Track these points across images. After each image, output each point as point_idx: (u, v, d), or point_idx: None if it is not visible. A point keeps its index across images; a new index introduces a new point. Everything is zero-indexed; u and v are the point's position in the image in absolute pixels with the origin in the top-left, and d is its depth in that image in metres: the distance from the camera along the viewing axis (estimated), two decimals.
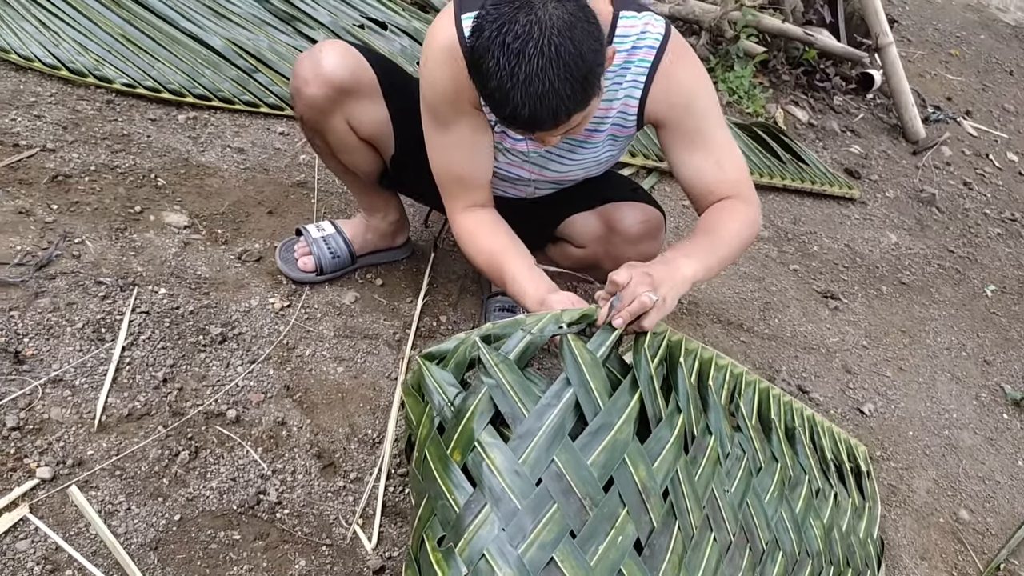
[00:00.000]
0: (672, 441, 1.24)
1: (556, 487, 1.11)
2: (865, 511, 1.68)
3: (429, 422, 1.20)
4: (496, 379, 1.17)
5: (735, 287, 2.53)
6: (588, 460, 1.14)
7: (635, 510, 1.15)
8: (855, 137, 3.81)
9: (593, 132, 1.54)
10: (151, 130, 2.21)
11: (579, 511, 1.11)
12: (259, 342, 1.73)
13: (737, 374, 1.52)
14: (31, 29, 2.35)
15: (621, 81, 1.46)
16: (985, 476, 2.21)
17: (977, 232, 3.41)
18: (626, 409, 1.20)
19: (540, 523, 1.08)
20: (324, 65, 1.59)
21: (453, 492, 1.11)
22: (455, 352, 1.25)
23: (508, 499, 1.08)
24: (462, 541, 1.06)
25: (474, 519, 1.08)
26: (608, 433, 1.17)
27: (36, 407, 1.46)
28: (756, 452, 1.43)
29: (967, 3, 6.27)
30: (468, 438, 1.14)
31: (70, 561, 1.28)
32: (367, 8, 2.98)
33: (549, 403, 1.16)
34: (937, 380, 2.49)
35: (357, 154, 1.74)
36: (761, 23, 3.68)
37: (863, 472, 1.76)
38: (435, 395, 1.21)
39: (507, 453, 1.12)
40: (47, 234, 1.77)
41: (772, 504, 1.41)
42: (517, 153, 1.59)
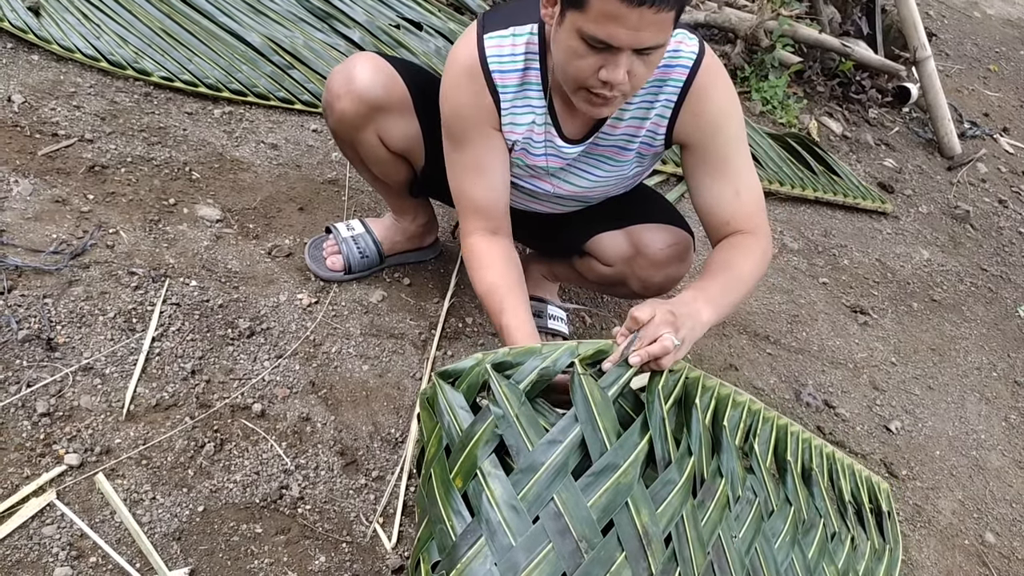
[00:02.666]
0: (680, 485, 1.20)
1: (553, 526, 1.08)
2: (885, 553, 1.64)
3: (438, 442, 1.19)
4: (503, 409, 1.16)
5: (763, 299, 2.51)
6: (589, 501, 1.11)
7: (633, 556, 1.11)
8: (889, 151, 3.77)
9: (621, 150, 1.53)
10: (187, 123, 2.24)
11: (574, 553, 1.07)
12: (286, 337, 1.74)
13: (755, 411, 1.48)
14: (73, 21, 2.38)
15: (653, 101, 1.45)
16: (1012, 499, 2.17)
17: (1011, 251, 3.36)
18: (634, 450, 1.17)
19: (533, 562, 1.05)
20: (356, 81, 1.59)
21: (452, 519, 1.10)
22: (469, 373, 1.23)
23: (503, 533, 1.06)
24: (454, 571, 1.05)
25: (468, 550, 1.06)
26: (613, 474, 1.14)
27: (66, 394, 1.48)
28: (769, 495, 1.40)
29: (1007, 18, 6.18)
30: (471, 465, 1.13)
31: (94, 548, 1.30)
32: (403, 8, 2.99)
33: (555, 439, 1.14)
34: (966, 400, 2.45)
35: (387, 166, 1.75)
36: (797, 33, 3.65)
37: (884, 513, 1.72)
38: (445, 416, 1.20)
39: (507, 486, 1.10)
40: (82, 223, 1.80)
41: (783, 549, 1.37)
42: (539, 169, 1.58)
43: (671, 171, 2.82)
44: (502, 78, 1.43)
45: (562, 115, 1.49)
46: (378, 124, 1.64)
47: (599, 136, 1.51)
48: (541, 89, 1.45)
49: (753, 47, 3.63)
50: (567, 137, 1.51)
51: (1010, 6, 6.50)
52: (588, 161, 1.56)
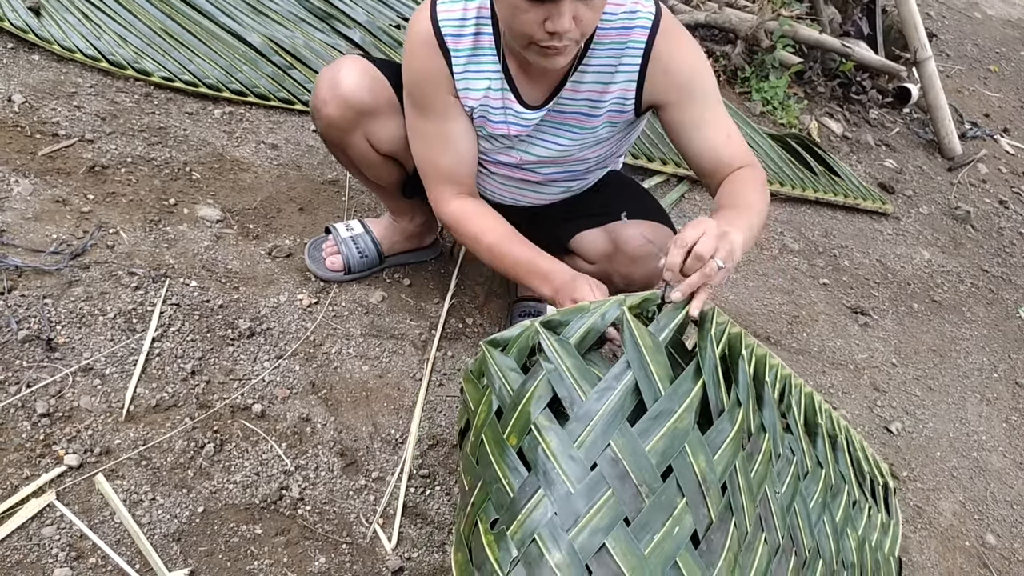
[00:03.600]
0: (733, 434, 1.18)
1: (612, 472, 1.06)
2: (890, 528, 1.65)
3: (488, 407, 1.18)
4: (555, 363, 1.14)
5: (763, 299, 2.50)
6: (647, 447, 1.08)
7: (694, 502, 1.09)
8: (890, 151, 3.76)
9: (587, 117, 1.51)
10: (187, 124, 2.24)
11: (635, 498, 1.06)
12: (286, 338, 1.74)
13: (785, 375, 1.47)
14: (73, 20, 2.38)
15: (616, 64, 1.44)
16: (1013, 501, 2.17)
17: (1012, 252, 3.36)
18: (688, 396, 1.14)
19: (593, 508, 1.04)
20: (342, 85, 1.59)
21: (508, 476, 1.09)
22: (518, 339, 1.23)
23: (562, 483, 1.05)
24: (515, 524, 1.04)
25: (527, 502, 1.05)
26: (668, 420, 1.11)
27: (66, 395, 1.47)
28: (804, 456, 1.40)
29: (1007, 19, 6.18)
30: (525, 422, 1.11)
31: (94, 549, 1.29)
32: (403, 8, 2.99)
33: (608, 386, 1.12)
34: (967, 401, 2.45)
35: (378, 168, 1.74)
36: (798, 33, 3.65)
37: (890, 489, 1.73)
38: (496, 380, 1.19)
39: (563, 436, 1.08)
40: (83, 224, 1.79)
41: (816, 510, 1.37)
42: (500, 139, 1.56)
43: (671, 171, 2.81)
44: (454, 42, 1.44)
45: (519, 80, 1.48)
46: (366, 128, 1.64)
47: (560, 100, 1.49)
48: (495, 53, 1.45)
49: (753, 48, 3.63)
50: (527, 103, 1.50)
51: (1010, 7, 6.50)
52: (552, 129, 1.55)
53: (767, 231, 2.82)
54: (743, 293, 2.49)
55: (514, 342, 1.23)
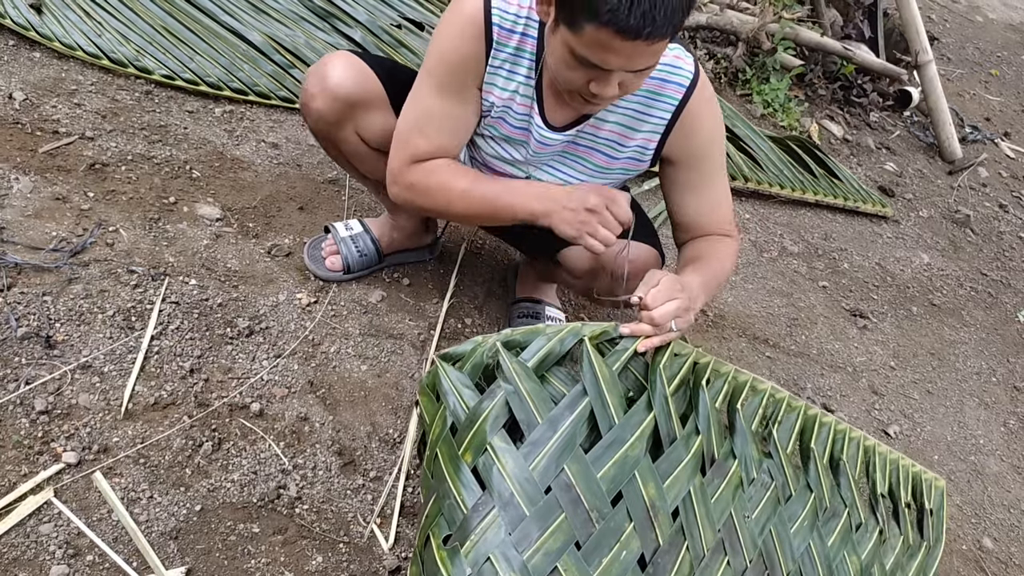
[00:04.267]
0: (687, 462, 1.24)
1: (565, 497, 1.11)
2: (921, 550, 1.64)
3: (442, 422, 1.21)
4: (514, 385, 1.18)
5: (762, 302, 2.51)
6: (599, 473, 1.14)
7: (641, 526, 1.15)
8: (890, 154, 3.77)
9: (605, 156, 1.52)
10: (188, 122, 2.24)
11: (585, 523, 1.11)
12: (285, 337, 1.74)
13: (779, 399, 1.50)
14: (74, 18, 2.38)
15: (644, 114, 1.45)
16: (1011, 504, 2.17)
17: (1011, 256, 3.36)
18: (640, 426, 1.21)
19: (547, 531, 1.08)
20: (330, 79, 1.59)
21: (462, 492, 1.12)
22: (472, 354, 1.26)
23: (516, 504, 1.09)
24: (468, 542, 1.07)
25: (481, 521, 1.09)
26: (620, 448, 1.17)
27: (65, 392, 1.48)
28: (787, 480, 1.42)
29: (1008, 23, 6.18)
30: (481, 441, 1.14)
31: (91, 546, 1.30)
32: (404, 8, 2.99)
33: (563, 413, 1.17)
34: (965, 405, 2.45)
35: (370, 162, 1.74)
36: (799, 36, 3.65)
37: (927, 510, 1.71)
38: (450, 396, 1.22)
39: (518, 459, 1.12)
40: (82, 221, 1.80)
41: (800, 534, 1.39)
42: (513, 145, 1.54)
43: None
44: (502, 36, 1.41)
45: (548, 99, 1.46)
46: (355, 121, 1.64)
47: (581, 133, 1.49)
48: (533, 61, 1.43)
49: (755, 50, 3.63)
50: (549, 123, 1.48)
51: (1012, 11, 6.50)
52: (565, 159, 1.55)
53: (767, 233, 2.82)
54: (742, 295, 2.49)
55: (468, 358, 1.26)
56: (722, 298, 2.44)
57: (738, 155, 3.00)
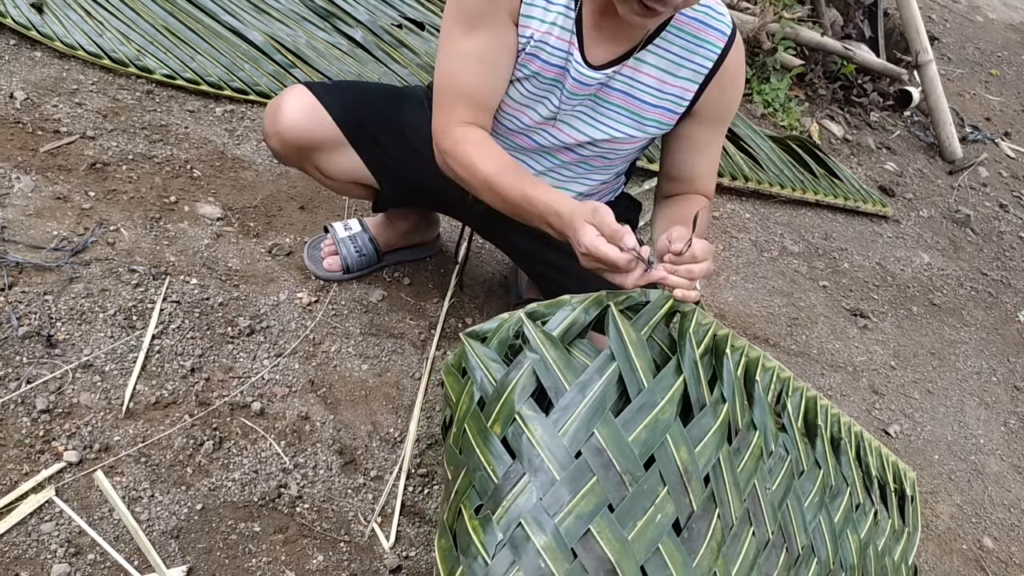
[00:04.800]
0: (715, 428, 1.22)
1: (596, 461, 1.09)
2: (904, 536, 1.65)
3: (469, 398, 1.19)
4: (540, 354, 1.16)
5: (762, 301, 2.51)
6: (629, 437, 1.12)
7: (675, 491, 1.13)
8: (890, 154, 3.77)
9: (642, 104, 1.44)
10: (189, 121, 2.24)
11: (618, 486, 1.09)
12: (286, 336, 1.74)
13: (784, 378, 1.49)
14: (75, 18, 2.38)
15: (686, 57, 1.39)
16: (1011, 504, 2.17)
17: (1012, 256, 3.36)
18: (670, 390, 1.18)
19: (578, 495, 1.07)
20: (279, 122, 1.56)
21: (492, 463, 1.11)
22: (498, 331, 1.24)
23: (547, 470, 1.07)
24: (499, 509, 1.06)
25: (512, 488, 1.07)
26: (651, 412, 1.14)
27: (66, 391, 1.48)
28: (800, 455, 1.41)
29: (1009, 23, 6.18)
30: (509, 411, 1.13)
31: (92, 545, 1.30)
32: (405, 8, 2.99)
33: (591, 378, 1.15)
34: (965, 404, 2.45)
35: (343, 190, 1.74)
36: (799, 36, 3.65)
37: (907, 497, 1.72)
38: (478, 371, 1.20)
39: (547, 425, 1.11)
40: (83, 220, 1.80)
41: (812, 509, 1.38)
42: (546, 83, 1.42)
43: None
44: None
45: (588, 33, 1.37)
46: (312, 160, 1.62)
47: (619, 74, 1.40)
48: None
49: (755, 50, 3.63)
50: (588, 60, 1.39)
51: (1012, 10, 6.50)
52: (598, 106, 1.45)
53: (767, 233, 2.82)
54: (743, 295, 2.49)
55: (494, 334, 1.24)
56: (722, 297, 2.44)
57: (738, 155, 3.00)
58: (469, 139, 1.38)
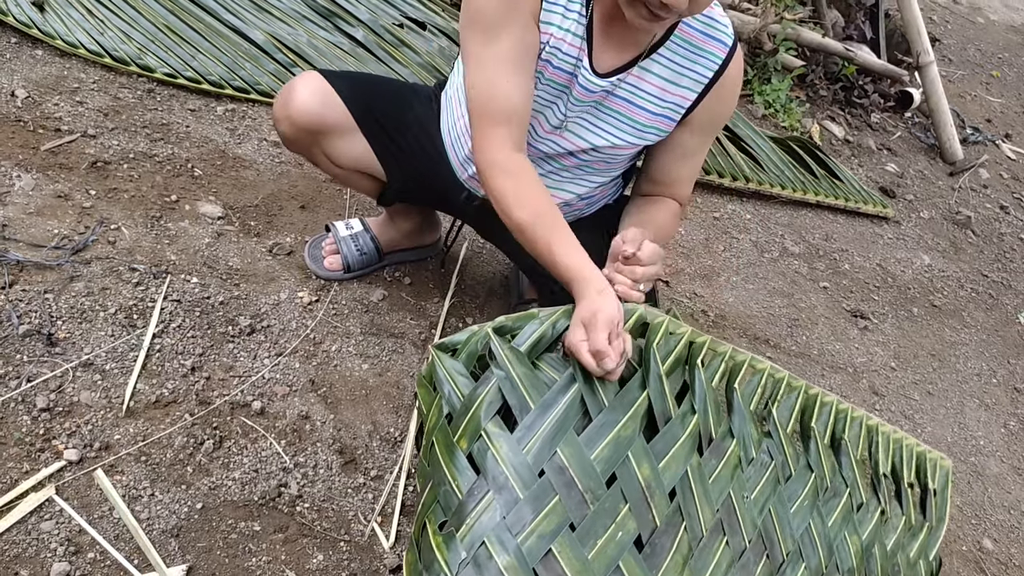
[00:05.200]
0: (682, 441, 1.24)
1: (558, 479, 1.12)
2: (923, 530, 1.64)
3: (438, 411, 1.21)
4: (505, 371, 1.18)
5: (763, 302, 2.51)
6: (592, 455, 1.15)
7: (637, 507, 1.15)
8: (891, 155, 3.77)
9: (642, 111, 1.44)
10: (190, 120, 2.24)
11: (580, 504, 1.11)
12: (286, 335, 1.74)
13: (779, 379, 1.49)
14: (77, 16, 2.38)
15: (688, 66, 1.40)
16: (1011, 506, 2.17)
17: (1012, 257, 3.36)
18: (632, 406, 1.21)
19: (541, 514, 1.09)
20: (292, 105, 1.58)
21: (457, 479, 1.12)
22: (467, 343, 1.25)
23: (511, 488, 1.10)
24: (463, 527, 1.07)
25: (476, 506, 1.09)
26: (612, 429, 1.18)
27: (66, 389, 1.48)
28: (787, 460, 1.42)
29: (1010, 24, 6.19)
30: (475, 427, 1.15)
31: (92, 544, 1.30)
32: (407, 7, 2.99)
33: (555, 397, 1.17)
34: (965, 406, 2.45)
35: (349, 180, 1.75)
36: (800, 37, 3.65)
37: (931, 490, 1.72)
38: (446, 385, 1.22)
39: (512, 443, 1.13)
40: (84, 219, 1.80)
41: (800, 513, 1.39)
42: (557, 88, 1.42)
43: None
44: None
45: (598, 43, 1.38)
46: (321, 146, 1.63)
47: (623, 82, 1.41)
48: (585, 2, 1.36)
49: (756, 50, 3.63)
50: (596, 70, 1.40)
51: (1013, 12, 6.50)
52: (601, 113, 1.46)
53: (768, 234, 2.82)
54: (743, 296, 2.49)
55: (463, 347, 1.25)
56: (723, 298, 2.44)
57: (739, 155, 3.00)
58: (509, 170, 1.34)
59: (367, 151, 1.66)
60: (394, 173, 1.70)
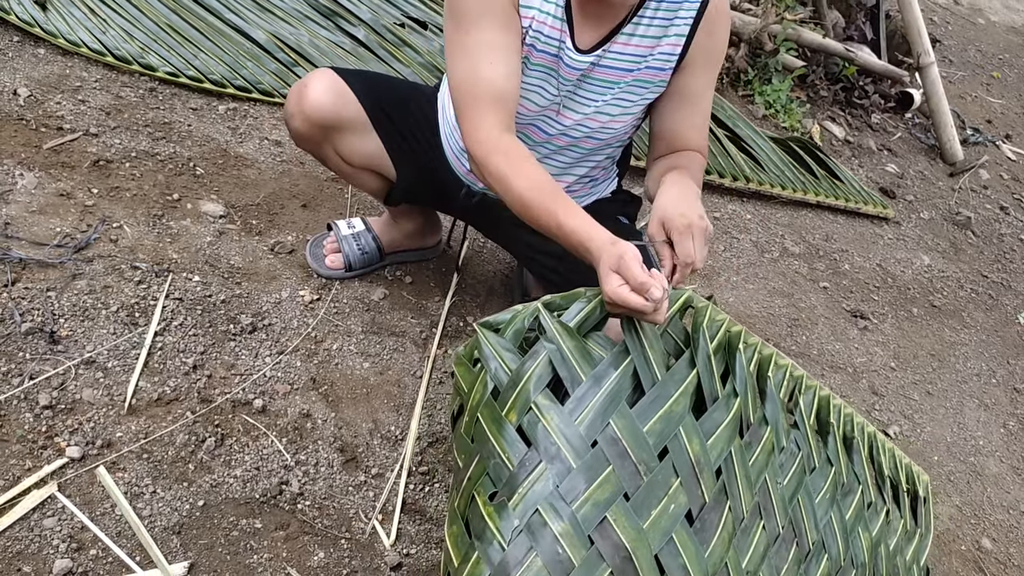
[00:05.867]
0: (727, 422, 1.23)
1: (612, 450, 1.11)
2: (916, 537, 1.65)
3: (483, 387, 1.20)
4: (556, 344, 1.17)
5: (763, 302, 2.51)
6: (644, 428, 1.14)
7: (688, 482, 1.14)
8: (891, 156, 3.77)
9: (627, 72, 1.45)
10: (192, 119, 2.24)
11: (633, 475, 1.11)
12: (288, 334, 1.75)
13: (797, 376, 1.50)
14: (79, 15, 2.39)
15: (672, 17, 1.40)
16: (1010, 506, 2.17)
17: (1012, 258, 3.36)
18: (683, 383, 1.19)
19: (595, 483, 1.08)
20: (306, 101, 1.58)
21: (507, 451, 1.12)
22: (512, 321, 1.25)
23: (563, 458, 1.09)
24: (516, 496, 1.07)
25: (528, 475, 1.08)
26: (664, 404, 1.17)
27: (69, 387, 1.48)
28: (811, 452, 1.42)
29: (1011, 25, 6.19)
30: (525, 400, 1.14)
31: (94, 541, 1.30)
32: (408, 7, 3.00)
33: (607, 370, 1.16)
34: (965, 406, 2.46)
35: (356, 178, 1.75)
36: (801, 37, 3.66)
37: (920, 498, 1.73)
38: (492, 361, 1.21)
39: (564, 415, 1.12)
40: (86, 217, 1.80)
41: (823, 506, 1.40)
42: (544, 71, 1.44)
43: None
44: None
45: (577, 19, 1.40)
46: (333, 142, 1.64)
47: (608, 51, 1.42)
48: None
49: (757, 51, 3.64)
50: (578, 47, 1.41)
51: (1014, 13, 6.50)
52: (592, 85, 1.47)
53: (768, 234, 2.83)
54: (743, 296, 2.50)
55: (508, 324, 1.25)
56: (723, 298, 2.44)
57: (740, 156, 3.00)
58: (500, 150, 1.34)
59: (378, 148, 1.67)
60: (403, 169, 1.71)
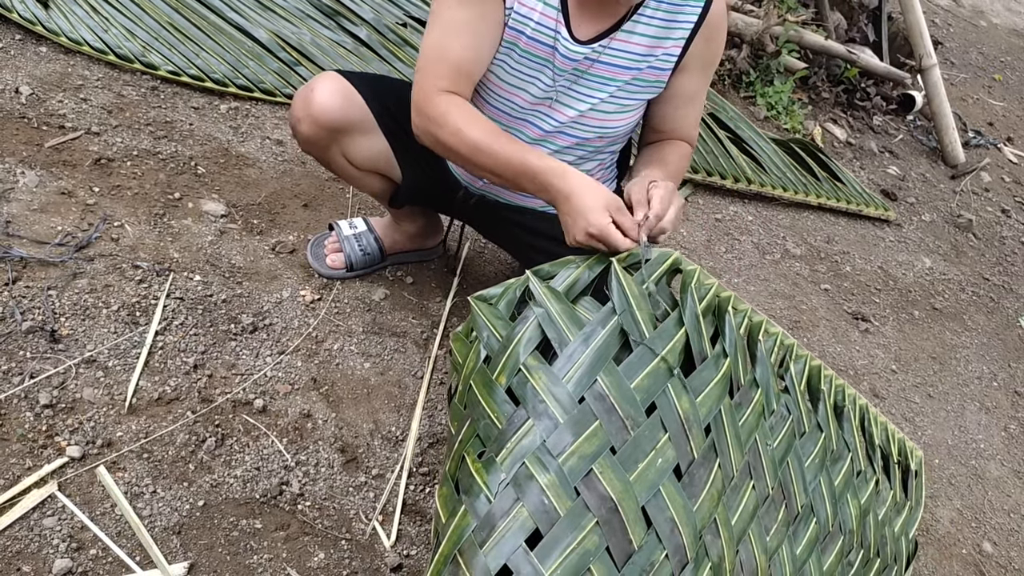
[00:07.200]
0: (716, 381, 1.24)
1: (599, 406, 1.12)
2: (905, 509, 1.66)
3: (476, 356, 1.22)
4: (544, 308, 1.19)
5: (764, 303, 2.51)
6: (632, 384, 1.15)
7: (676, 437, 1.15)
8: (893, 158, 3.77)
9: (626, 70, 1.46)
10: (193, 118, 2.24)
11: (620, 430, 1.12)
12: (288, 334, 1.75)
13: (788, 344, 1.50)
14: (81, 13, 2.38)
15: (672, 19, 1.42)
16: (1011, 509, 2.17)
17: (1013, 261, 3.36)
18: (671, 340, 1.20)
19: (581, 437, 1.09)
20: (313, 104, 1.58)
21: (496, 411, 1.13)
22: (504, 293, 1.27)
23: (551, 415, 1.10)
24: (503, 451, 1.08)
25: (516, 432, 1.10)
26: (652, 360, 1.17)
27: (69, 386, 1.48)
28: (802, 417, 1.42)
29: (1013, 28, 6.19)
30: (514, 362, 1.16)
31: (94, 540, 1.30)
32: (410, 7, 2.99)
33: (595, 329, 1.17)
34: (966, 409, 2.45)
35: (362, 181, 1.74)
36: (803, 39, 3.66)
37: (912, 472, 1.73)
38: (484, 330, 1.23)
39: (551, 373, 1.13)
40: (88, 216, 1.80)
41: (812, 470, 1.40)
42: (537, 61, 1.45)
43: None
44: None
45: (575, 11, 1.41)
46: (340, 145, 1.63)
47: (608, 48, 1.43)
48: None
49: (759, 52, 3.64)
50: (576, 37, 1.42)
51: (1015, 16, 6.50)
52: (589, 80, 1.47)
53: (769, 236, 2.83)
54: (744, 297, 2.49)
55: (501, 296, 1.27)
56: None
57: (741, 157, 3.00)
58: (454, 104, 1.39)
59: (385, 150, 1.66)
60: (408, 171, 1.71)
